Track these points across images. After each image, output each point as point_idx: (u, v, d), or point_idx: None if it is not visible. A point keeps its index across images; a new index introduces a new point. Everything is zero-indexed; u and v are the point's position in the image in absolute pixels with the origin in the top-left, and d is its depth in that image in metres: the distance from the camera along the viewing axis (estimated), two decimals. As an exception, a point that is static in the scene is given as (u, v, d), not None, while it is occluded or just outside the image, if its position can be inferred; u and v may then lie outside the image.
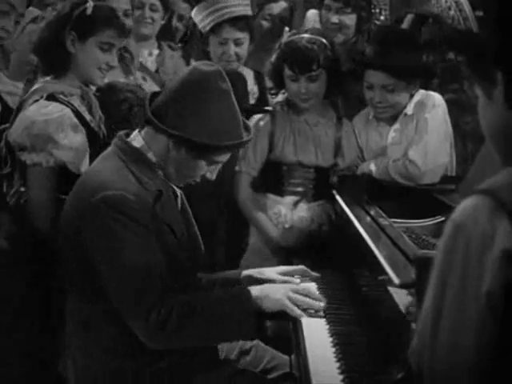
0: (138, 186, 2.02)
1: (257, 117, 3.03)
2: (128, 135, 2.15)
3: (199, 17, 3.31)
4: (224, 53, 3.26)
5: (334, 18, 3.32)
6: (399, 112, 2.94)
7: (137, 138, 2.12)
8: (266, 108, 3.09)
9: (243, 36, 3.28)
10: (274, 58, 2.98)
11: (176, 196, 2.18)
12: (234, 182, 3.00)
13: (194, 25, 3.43)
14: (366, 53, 2.90)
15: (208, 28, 3.28)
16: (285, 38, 3.01)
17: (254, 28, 3.36)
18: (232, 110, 2.10)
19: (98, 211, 1.96)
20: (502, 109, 1.17)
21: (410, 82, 2.86)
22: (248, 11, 3.31)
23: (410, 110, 2.92)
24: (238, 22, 3.26)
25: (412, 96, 2.92)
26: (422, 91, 2.95)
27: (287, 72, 2.91)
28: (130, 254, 1.93)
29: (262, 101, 3.14)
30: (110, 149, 2.14)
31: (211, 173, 2.15)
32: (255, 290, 2.02)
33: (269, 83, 3.16)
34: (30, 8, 3.09)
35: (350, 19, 3.34)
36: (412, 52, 2.81)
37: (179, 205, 2.21)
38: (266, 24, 3.62)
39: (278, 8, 3.64)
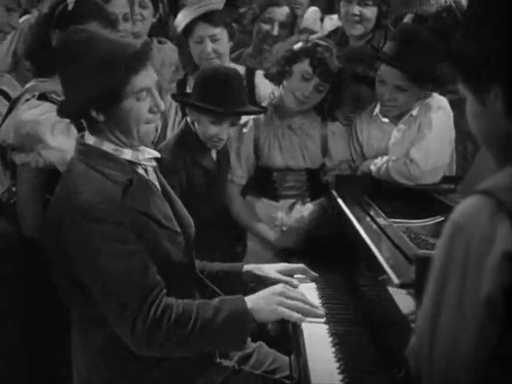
0: (104, 183, 1.96)
1: (241, 122, 2.99)
2: (83, 136, 2.09)
3: (177, 22, 3.32)
4: (202, 51, 3.23)
5: (356, 10, 3.32)
6: (404, 112, 2.94)
7: (88, 137, 2.06)
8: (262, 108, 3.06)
9: (219, 31, 3.23)
10: (296, 47, 2.88)
11: (147, 171, 2.10)
12: (225, 192, 2.98)
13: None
14: (387, 48, 2.89)
15: (182, 27, 3.26)
16: (312, 36, 2.97)
17: (231, 22, 3.32)
18: (106, 42, 1.98)
19: (67, 223, 1.92)
20: (497, 115, 1.16)
21: (422, 86, 2.85)
22: (220, 6, 3.26)
23: (415, 111, 2.92)
24: (211, 17, 3.22)
25: (420, 99, 2.92)
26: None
27: (305, 67, 2.85)
28: (103, 264, 1.89)
29: (250, 97, 3.11)
30: (73, 155, 2.09)
31: (156, 105, 2.01)
32: (250, 302, 1.97)
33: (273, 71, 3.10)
34: (27, 17, 3.09)
35: (371, 12, 3.34)
36: (432, 58, 2.79)
37: (158, 185, 2.14)
38: (264, 27, 3.60)
39: (279, 13, 3.62)
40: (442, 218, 2.48)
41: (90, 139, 2.05)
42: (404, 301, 1.78)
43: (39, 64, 2.66)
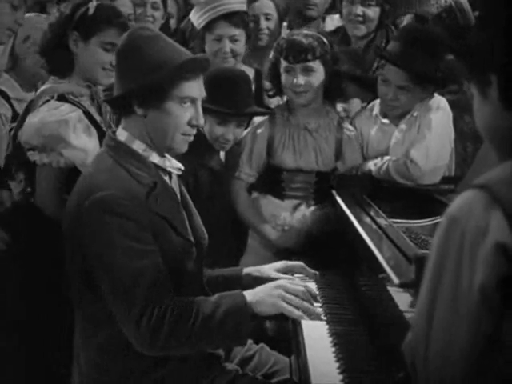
0: (130, 181, 2.00)
1: (256, 122, 3.01)
2: (115, 132, 2.13)
3: (196, 16, 3.32)
4: (220, 49, 3.24)
5: (359, 10, 3.32)
6: (405, 112, 2.94)
7: (121, 132, 2.10)
8: (269, 110, 3.07)
9: (238, 32, 3.26)
10: (271, 53, 2.97)
11: (171, 178, 2.14)
12: (231, 189, 2.99)
13: (193, 25, 3.43)
14: (392, 48, 2.88)
15: (203, 24, 3.27)
16: (283, 34, 3.01)
17: (248, 24, 3.35)
18: (168, 44, 2.07)
19: (88, 215, 1.94)
20: (497, 108, 1.18)
21: (425, 87, 2.86)
22: (243, 7, 3.30)
23: (416, 111, 2.92)
24: (232, 18, 3.24)
25: (422, 100, 2.92)
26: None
27: (283, 63, 2.88)
28: (118, 260, 1.91)
29: (258, 100, 3.12)
30: (102, 149, 2.13)
31: (196, 118, 2.07)
32: (249, 295, 1.98)
33: (268, 84, 3.14)
34: (27, 15, 3.09)
35: (374, 12, 3.35)
36: (437, 59, 2.79)
37: (178, 191, 2.18)
38: (251, 25, 3.59)
39: (260, 6, 3.60)
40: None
41: (122, 135, 2.08)
42: (404, 301, 1.78)
43: (54, 63, 2.69)
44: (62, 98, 2.59)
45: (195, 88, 2.06)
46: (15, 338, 2.62)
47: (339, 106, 3.12)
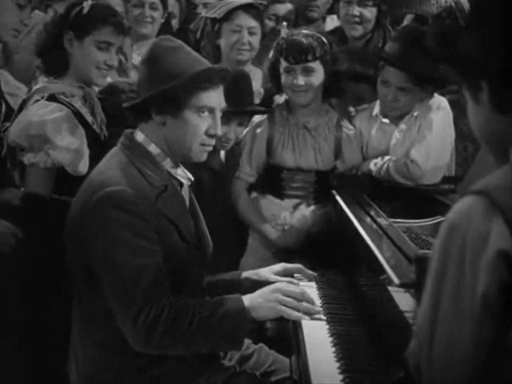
0: (141, 181, 2.03)
1: (255, 121, 3.02)
2: (132, 133, 2.16)
3: (213, 9, 3.33)
4: (238, 40, 3.27)
5: (356, 11, 3.34)
6: (405, 112, 2.93)
7: (138, 134, 2.13)
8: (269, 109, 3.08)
9: (256, 25, 3.30)
10: (271, 53, 2.98)
11: (182, 186, 2.16)
12: (231, 189, 3.00)
13: (206, 21, 3.44)
14: (391, 49, 2.89)
15: (223, 14, 3.28)
16: (283, 34, 3.02)
17: (264, 22, 3.38)
18: (189, 55, 2.10)
19: (97, 208, 1.96)
20: (489, 112, 1.18)
21: (425, 88, 2.86)
22: (261, 1, 3.35)
23: (416, 111, 2.92)
24: (251, 10, 3.29)
25: (422, 100, 2.92)
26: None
27: (283, 64, 2.90)
28: (123, 256, 1.92)
29: (267, 101, 3.13)
30: (116, 147, 2.15)
31: (214, 128, 2.10)
32: (247, 300, 1.99)
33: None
34: (36, 11, 3.09)
35: (371, 12, 3.36)
36: (436, 60, 2.80)
37: (187, 199, 2.19)
38: (269, 23, 3.63)
39: (282, 9, 3.65)
40: (443, 218, 2.47)
41: (139, 137, 2.12)
42: (404, 301, 1.77)
43: (50, 63, 2.68)
44: (52, 97, 2.59)
45: (213, 98, 2.09)
46: (15, 338, 2.62)
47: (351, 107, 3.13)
